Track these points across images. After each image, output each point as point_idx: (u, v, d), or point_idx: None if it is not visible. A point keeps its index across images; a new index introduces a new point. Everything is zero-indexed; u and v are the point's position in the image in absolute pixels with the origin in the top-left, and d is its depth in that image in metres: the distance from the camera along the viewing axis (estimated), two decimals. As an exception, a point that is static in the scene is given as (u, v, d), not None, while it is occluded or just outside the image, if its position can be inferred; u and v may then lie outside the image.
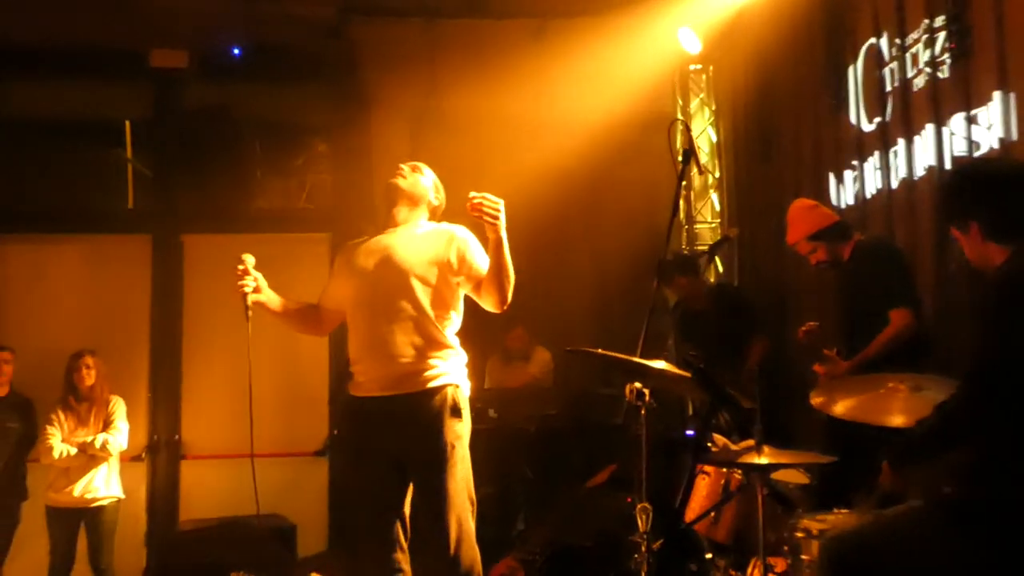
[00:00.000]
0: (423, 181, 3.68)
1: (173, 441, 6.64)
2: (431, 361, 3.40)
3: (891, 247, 4.46)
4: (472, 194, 3.24)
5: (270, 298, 3.57)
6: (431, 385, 3.39)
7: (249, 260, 3.52)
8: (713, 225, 7.61)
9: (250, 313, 3.47)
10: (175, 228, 6.85)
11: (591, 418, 6.23)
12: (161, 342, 6.72)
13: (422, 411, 3.37)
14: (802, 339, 4.39)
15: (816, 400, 3.48)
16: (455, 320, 3.54)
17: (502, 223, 3.27)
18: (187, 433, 6.69)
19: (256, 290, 3.51)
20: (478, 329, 3.80)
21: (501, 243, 3.31)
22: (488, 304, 3.46)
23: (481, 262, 3.47)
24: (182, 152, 6.90)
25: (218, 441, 6.51)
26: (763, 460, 3.13)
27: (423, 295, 3.41)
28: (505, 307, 3.44)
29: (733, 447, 3.72)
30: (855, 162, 5.22)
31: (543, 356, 6.88)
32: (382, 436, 3.41)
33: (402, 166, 3.68)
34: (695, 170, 3.57)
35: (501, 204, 3.26)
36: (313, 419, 6.67)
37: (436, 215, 3.76)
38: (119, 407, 5.66)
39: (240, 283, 3.48)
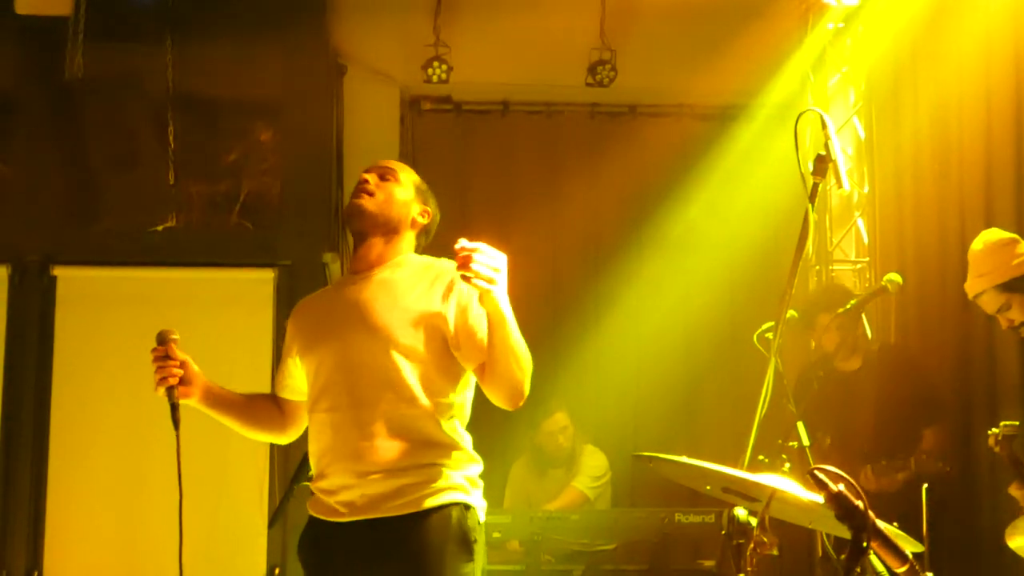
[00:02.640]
0: (400, 194, 3.67)
1: (30, 579, 6.66)
2: (428, 470, 3.42)
3: None
4: (460, 243, 3.17)
5: (208, 392, 3.58)
6: (427, 505, 3.40)
7: (171, 337, 3.51)
8: (859, 266, 7.59)
9: (178, 415, 3.47)
10: (44, 256, 6.92)
11: (668, 559, 6.19)
12: (16, 423, 6.76)
13: (413, 544, 3.38)
14: (993, 447, 4.37)
15: (1015, 540, 3.46)
16: (464, 407, 3.55)
17: (501, 289, 3.19)
18: (52, 566, 6.69)
19: (185, 380, 3.50)
20: (493, 417, 3.81)
21: (503, 319, 3.26)
22: (494, 398, 3.46)
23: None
24: (59, 142, 6.99)
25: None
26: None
27: (412, 375, 3.43)
28: (518, 404, 3.44)
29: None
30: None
31: (595, 461, 6.87)
32: (355, 576, 3.43)
33: (366, 175, 3.67)
34: (832, 183, 3.58)
35: (502, 261, 3.19)
36: (244, 553, 6.66)
37: (427, 236, 3.76)
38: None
39: (160, 372, 3.47)
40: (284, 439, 3.80)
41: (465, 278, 3.13)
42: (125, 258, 6.82)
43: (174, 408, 3.47)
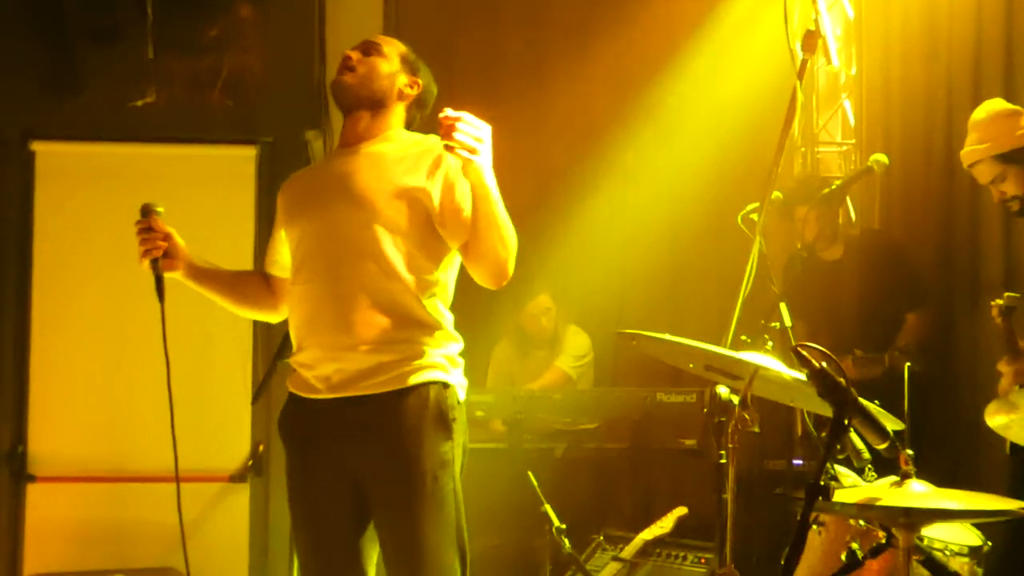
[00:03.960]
0: (384, 67, 3.66)
1: (16, 454, 6.69)
2: (406, 347, 3.44)
3: None
4: (446, 112, 3.23)
5: (193, 266, 3.58)
6: (405, 383, 3.42)
7: (155, 210, 3.51)
8: (844, 148, 7.58)
9: (163, 287, 3.49)
10: (22, 131, 6.86)
11: (649, 437, 6.25)
12: (-2, 303, 6.77)
13: (390, 422, 3.41)
14: (996, 318, 4.41)
15: (994, 419, 3.49)
16: (446, 286, 3.57)
17: (485, 160, 3.25)
18: (37, 443, 6.74)
19: (169, 253, 3.51)
20: (478, 298, 3.81)
21: (487, 191, 3.31)
22: (478, 276, 3.49)
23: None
24: (35, 14, 6.88)
25: (84, 457, 6.56)
26: (914, 504, 3.14)
27: (393, 249, 3.43)
28: (502, 283, 3.47)
29: (866, 486, 3.74)
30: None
31: (578, 341, 6.91)
32: (333, 456, 3.47)
33: (349, 53, 3.67)
34: (820, 61, 3.56)
35: (486, 131, 3.25)
36: (228, 430, 6.72)
37: (423, 109, 3.76)
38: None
39: (144, 246, 3.48)
40: (275, 317, 3.81)
41: (448, 147, 3.17)
42: (106, 133, 6.76)
43: (159, 280, 3.49)
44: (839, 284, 5.88)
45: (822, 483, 2.71)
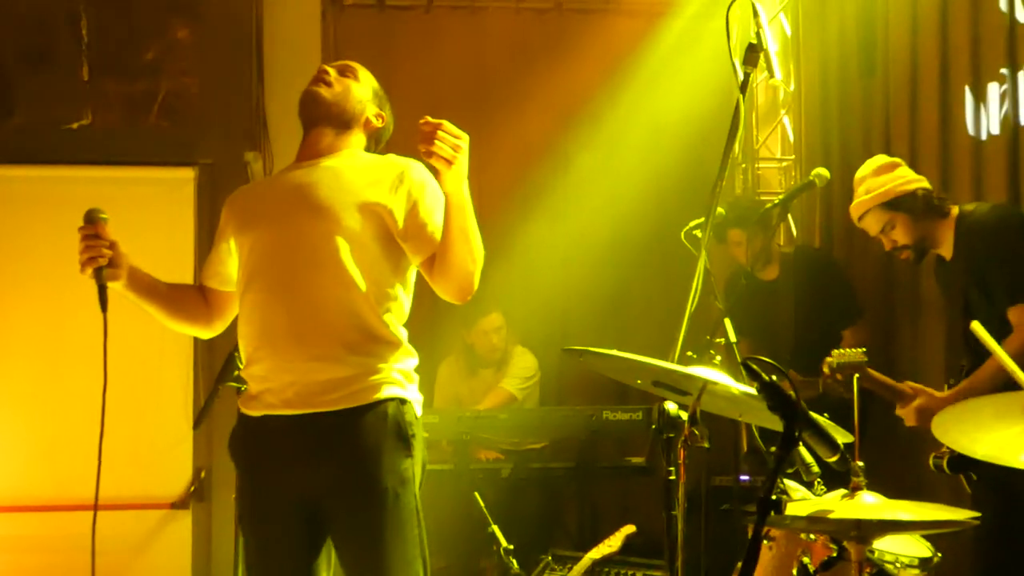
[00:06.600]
0: (358, 91, 3.65)
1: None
2: (366, 362, 3.38)
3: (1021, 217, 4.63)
4: (426, 119, 3.24)
5: (134, 276, 3.48)
6: (362, 401, 3.37)
7: (100, 217, 3.40)
8: (784, 164, 7.62)
9: (106, 297, 3.37)
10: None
11: (596, 455, 6.24)
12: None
13: (348, 440, 3.35)
14: (829, 379, 4.58)
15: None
16: (404, 302, 3.52)
17: (463, 168, 3.27)
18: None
19: (113, 262, 3.40)
20: (421, 315, 3.78)
21: (462, 201, 3.32)
22: (443, 290, 3.47)
23: (440, 221, 3.44)
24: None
25: (20, 485, 6.51)
26: (865, 516, 3.13)
27: (353, 261, 3.38)
28: (467, 298, 3.46)
29: (817, 499, 3.74)
30: (1004, 70, 5.22)
31: (524, 362, 6.87)
32: (287, 477, 3.39)
33: (327, 68, 3.66)
34: (760, 79, 3.57)
35: (465, 140, 3.26)
36: (170, 455, 6.65)
37: (378, 144, 3.74)
38: None
39: (88, 253, 3.36)
40: (209, 332, 3.74)
41: (426, 154, 3.19)
42: (41, 156, 6.71)
43: (102, 290, 3.37)
44: (776, 304, 5.92)
45: (774, 497, 2.69)
